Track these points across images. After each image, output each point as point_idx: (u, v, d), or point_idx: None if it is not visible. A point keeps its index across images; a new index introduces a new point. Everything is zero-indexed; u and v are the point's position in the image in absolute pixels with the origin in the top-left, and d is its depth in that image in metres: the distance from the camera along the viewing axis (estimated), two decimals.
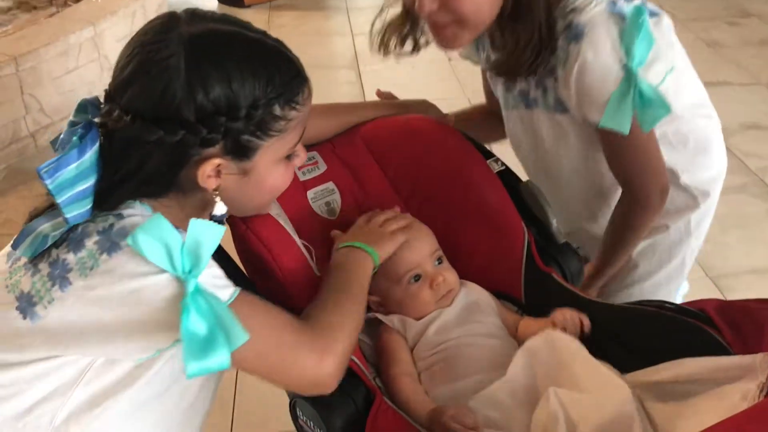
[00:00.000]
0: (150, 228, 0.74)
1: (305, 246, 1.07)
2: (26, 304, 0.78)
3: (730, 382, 0.88)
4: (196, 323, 0.72)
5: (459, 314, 1.10)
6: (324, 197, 1.19)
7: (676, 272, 1.37)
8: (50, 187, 0.77)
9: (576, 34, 1.07)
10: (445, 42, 1.12)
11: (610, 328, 1.05)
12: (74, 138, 0.80)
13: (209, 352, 0.71)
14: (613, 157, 1.20)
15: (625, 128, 1.08)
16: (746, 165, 2.79)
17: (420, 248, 1.10)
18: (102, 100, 0.84)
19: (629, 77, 1.05)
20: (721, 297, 2.12)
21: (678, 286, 1.42)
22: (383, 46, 1.23)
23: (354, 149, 1.22)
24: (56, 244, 0.79)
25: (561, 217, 1.25)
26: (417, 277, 1.10)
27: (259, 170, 0.87)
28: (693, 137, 1.24)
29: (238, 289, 0.80)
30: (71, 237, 0.78)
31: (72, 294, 0.76)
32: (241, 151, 0.83)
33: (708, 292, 2.15)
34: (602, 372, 0.94)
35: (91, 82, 3.21)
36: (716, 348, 0.93)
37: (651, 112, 1.07)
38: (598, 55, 1.07)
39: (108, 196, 0.81)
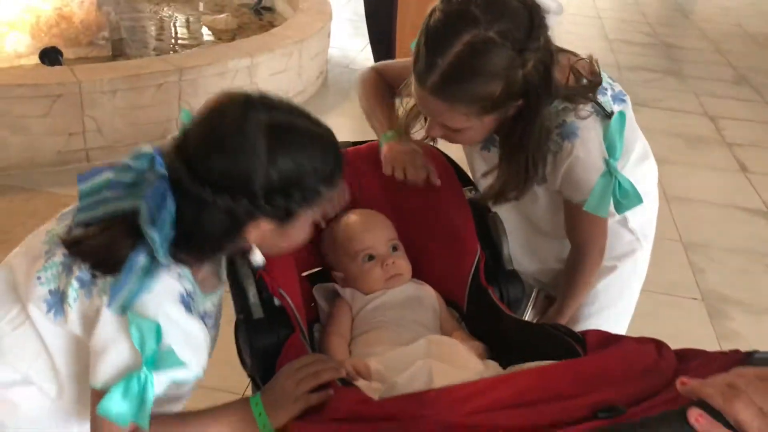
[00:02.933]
0: (141, 319, 0.92)
1: None
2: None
3: None
4: (122, 390, 0.92)
5: (400, 300, 1.32)
6: None
7: (624, 309, 1.57)
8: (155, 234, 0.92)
9: (570, 133, 1.25)
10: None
11: (516, 339, 1.24)
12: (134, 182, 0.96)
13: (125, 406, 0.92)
14: (569, 221, 1.40)
15: (604, 213, 1.28)
16: None
17: (377, 233, 1.35)
18: (165, 155, 0.95)
19: (610, 171, 1.26)
20: None
21: (626, 322, 1.59)
22: (406, 131, 1.42)
23: (362, 158, 1.48)
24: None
25: (534, 255, 1.45)
26: (371, 257, 1.33)
27: (294, 229, 1.02)
28: (640, 186, 1.37)
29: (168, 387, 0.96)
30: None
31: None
32: (286, 219, 0.99)
33: None
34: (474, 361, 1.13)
35: None
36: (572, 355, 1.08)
37: (627, 202, 1.27)
38: (589, 154, 1.26)
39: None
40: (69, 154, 3.25)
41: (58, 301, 1.00)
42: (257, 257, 1.06)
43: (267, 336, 1.16)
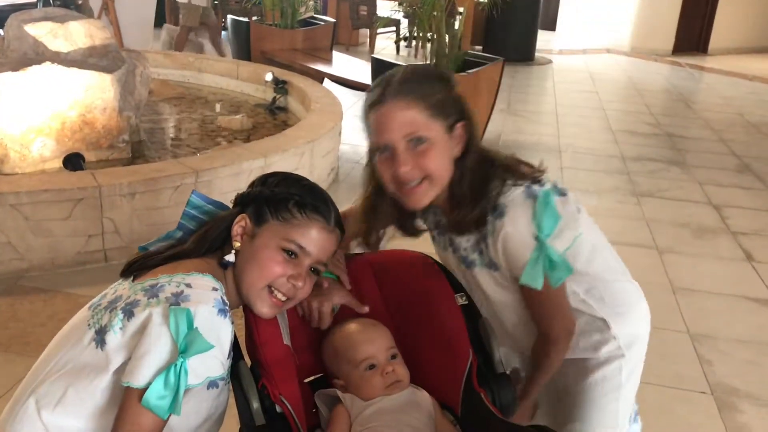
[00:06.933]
0: (179, 315, 1.11)
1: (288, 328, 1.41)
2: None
3: None
4: (162, 381, 1.09)
5: (398, 405, 1.38)
6: None
7: (611, 418, 1.59)
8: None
9: (500, 213, 1.38)
10: (415, 199, 1.40)
11: None
12: None
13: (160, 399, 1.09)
14: (530, 305, 1.50)
15: (538, 285, 1.37)
16: None
17: (378, 343, 1.42)
18: None
19: (540, 246, 1.35)
20: None
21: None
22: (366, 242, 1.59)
23: (362, 269, 1.57)
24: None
25: (510, 344, 1.57)
26: (372, 366, 1.40)
27: (261, 239, 1.28)
28: (608, 297, 1.48)
29: (203, 382, 1.15)
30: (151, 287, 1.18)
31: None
32: (257, 217, 1.30)
33: None
34: None
35: None
36: None
37: (557, 274, 1.36)
38: (516, 229, 1.37)
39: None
40: (87, 254, 3.38)
41: (101, 335, 1.17)
42: (230, 257, 1.30)
43: None
